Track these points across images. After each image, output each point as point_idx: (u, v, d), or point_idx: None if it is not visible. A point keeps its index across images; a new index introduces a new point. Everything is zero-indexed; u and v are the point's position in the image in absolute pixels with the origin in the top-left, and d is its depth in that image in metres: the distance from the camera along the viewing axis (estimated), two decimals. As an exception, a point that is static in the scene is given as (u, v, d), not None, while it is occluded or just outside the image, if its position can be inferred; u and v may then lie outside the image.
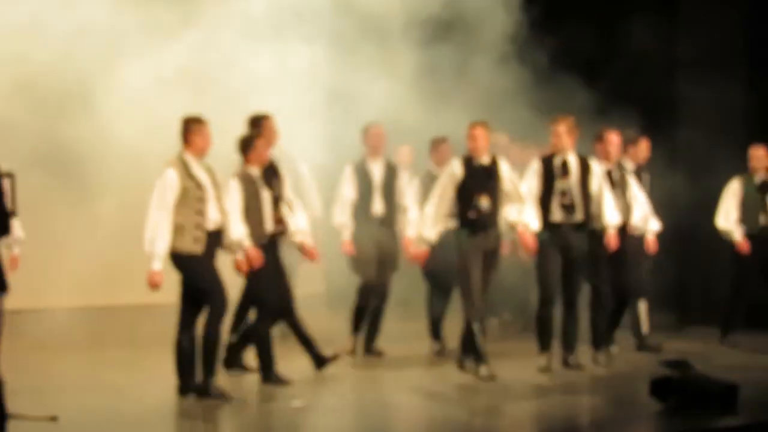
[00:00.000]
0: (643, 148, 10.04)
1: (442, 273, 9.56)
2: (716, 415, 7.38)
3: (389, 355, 9.59)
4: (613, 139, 9.22)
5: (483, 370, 8.49)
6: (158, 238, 7.46)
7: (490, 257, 8.61)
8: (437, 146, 9.87)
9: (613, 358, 9.16)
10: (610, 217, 8.86)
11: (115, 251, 10.76)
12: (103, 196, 10.82)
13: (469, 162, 8.62)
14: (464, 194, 8.56)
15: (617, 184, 9.19)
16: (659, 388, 7.66)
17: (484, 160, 8.62)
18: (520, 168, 9.08)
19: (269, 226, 8.20)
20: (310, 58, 10.42)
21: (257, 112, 8.88)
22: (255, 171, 8.22)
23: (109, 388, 8.17)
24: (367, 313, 9.53)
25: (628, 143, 9.85)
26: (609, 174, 9.17)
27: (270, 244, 8.23)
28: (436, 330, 9.79)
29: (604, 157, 9.16)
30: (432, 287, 9.78)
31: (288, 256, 8.70)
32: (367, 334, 9.63)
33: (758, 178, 10.16)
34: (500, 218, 8.65)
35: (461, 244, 8.53)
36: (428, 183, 9.72)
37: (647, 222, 9.48)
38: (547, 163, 8.84)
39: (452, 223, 9.04)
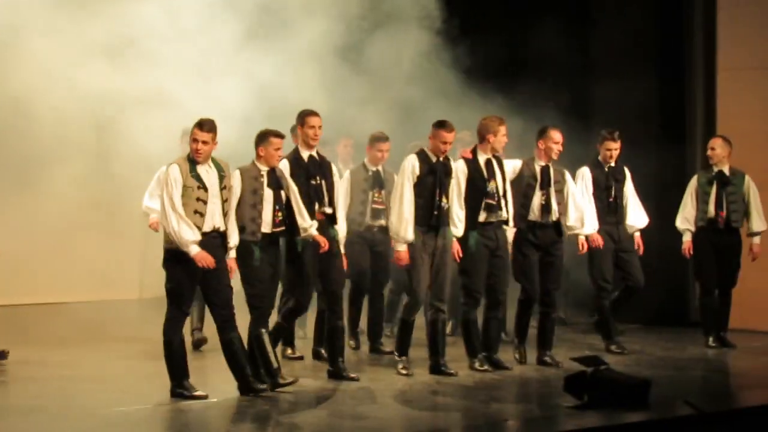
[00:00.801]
0: (610, 147, 9.97)
1: (364, 273, 9.59)
2: (629, 411, 7.49)
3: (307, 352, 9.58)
4: (556, 136, 9.16)
5: (401, 365, 8.61)
6: (183, 231, 7.43)
7: (441, 255, 8.67)
8: (376, 143, 9.68)
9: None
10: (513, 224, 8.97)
11: (19, 246, 10.51)
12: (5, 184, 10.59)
13: (426, 159, 8.63)
14: (423, 192, 8.58)
15: (553, 182, 9.18)
16: (573, 384, 7.76)
17: (440, 157, 8.69)
18: None
19: (266, 226, 8.04)
20: (234, 33, 10.36)
21: (306, 109, 8.64)
22: (263, 167, 8.09)
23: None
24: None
25: (597, 143, 10.00)
26: (545, 170, 9.16)
27: (270, 243, 8.11)
28: (354, 327, 9.84)
29: (544, 154, 9.16)
30: (355, 287, 9.78)
31: None
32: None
33: (715, 169, 10.26)
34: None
35: (415, 241, 8.57)
36: (359, 177, 9.65)
37: (582, 223, 9.47)
38: (473, 163, 8.89)
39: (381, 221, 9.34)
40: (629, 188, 10.07)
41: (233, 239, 7.83)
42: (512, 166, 9.23)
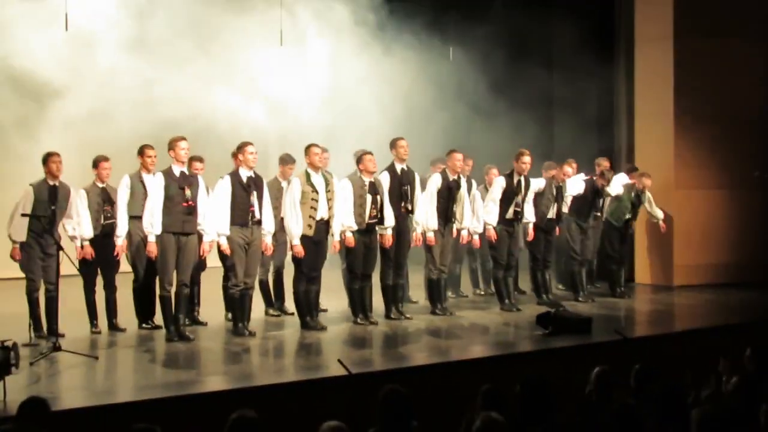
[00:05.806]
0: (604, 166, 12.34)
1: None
2: (578, 336, 9.19)
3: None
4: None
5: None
6: (293, 226, 9.71)
7: (447, 238, 10.95)
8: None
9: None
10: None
11: None
12: None
13: (445, 177, 10.89)
14: (441, 200, 10.84)
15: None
16: (542, 320, 9.68)
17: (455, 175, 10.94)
18: None
19: (366, 219, 10.18)
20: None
21: (397, 136, 10.44)
22: (366, 178, 10.09)
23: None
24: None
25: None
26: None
27: (367, 231, 10.01)
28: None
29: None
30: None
31: None
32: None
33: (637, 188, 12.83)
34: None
35: (436, 231, 10.85)
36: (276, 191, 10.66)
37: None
38: (509, 178, 11.45)
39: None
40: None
41: (335, 227, 10.04)
42: (538, 183, 11.86)
